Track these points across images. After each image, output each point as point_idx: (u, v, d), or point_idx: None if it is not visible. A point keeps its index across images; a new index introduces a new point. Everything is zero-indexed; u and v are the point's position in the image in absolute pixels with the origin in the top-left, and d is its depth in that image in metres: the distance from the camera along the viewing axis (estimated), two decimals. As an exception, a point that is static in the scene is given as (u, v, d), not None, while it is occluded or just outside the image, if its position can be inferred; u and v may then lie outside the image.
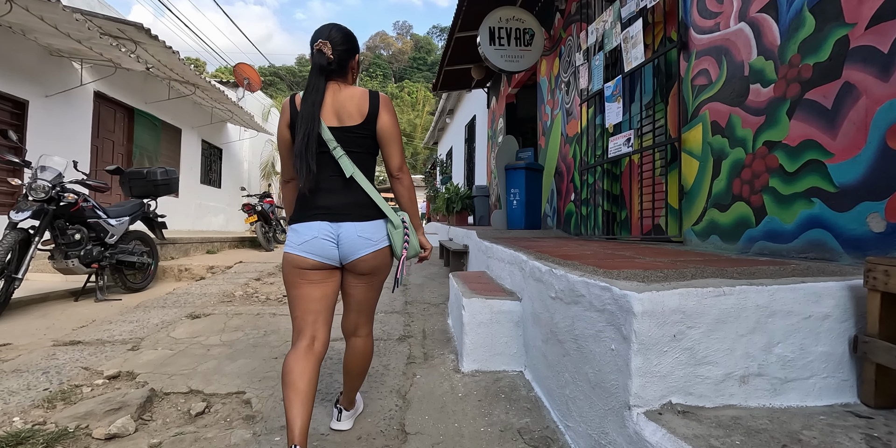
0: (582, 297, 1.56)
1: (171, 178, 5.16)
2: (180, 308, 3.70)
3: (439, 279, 4.94)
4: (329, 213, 1.54)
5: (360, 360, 1.71)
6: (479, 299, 2.41)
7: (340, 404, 1.80)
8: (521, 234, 4.48)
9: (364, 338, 1.72)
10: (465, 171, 10.66)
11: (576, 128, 4.36)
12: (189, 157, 9.21)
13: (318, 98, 1.53)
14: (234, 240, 8.91)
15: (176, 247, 6.77)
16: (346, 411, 1.79)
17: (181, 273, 5.83)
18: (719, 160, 2.42)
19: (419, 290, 4.33)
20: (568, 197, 4.57)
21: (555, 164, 4.95)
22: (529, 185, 4.73)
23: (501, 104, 7.29)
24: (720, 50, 2.43)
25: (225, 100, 8.39)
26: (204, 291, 4.35)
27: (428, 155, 26.86)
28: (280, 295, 4.19)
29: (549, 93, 5.13)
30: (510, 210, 4.82)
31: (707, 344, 1.28)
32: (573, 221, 4.42)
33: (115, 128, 7.00)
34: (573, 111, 4.44)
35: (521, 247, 3.02)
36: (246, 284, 4.69)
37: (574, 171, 4.39)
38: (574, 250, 2.66)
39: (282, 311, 3.56)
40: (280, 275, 5.25)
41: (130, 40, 5.88)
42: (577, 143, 4.34)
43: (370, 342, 1.74)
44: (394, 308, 3.64)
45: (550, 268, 1.89)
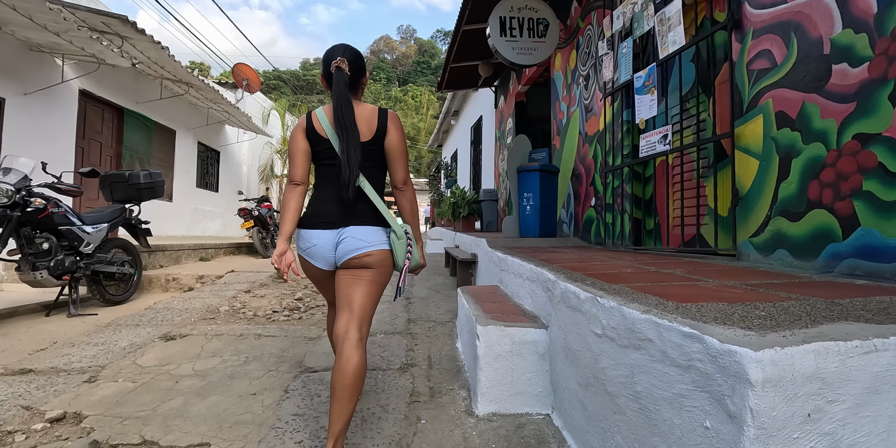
0: (649, 342, 1.14)
1: (156, 181, 4.78)
2: (155, 327, 3.29)
3: (445, 291, 4.52)
4: (333, 222, 1.63)
5: (349, 371, 1.48)
6: (497, 327, 1.99)
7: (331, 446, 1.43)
8: (536, 243, 4.06)
9: (354, 343, 1.55)
10: (471, 175, 10.25)
11: (597, 125, 3.94)
12: (184, 160, 8.85)
13: (350, 110, 1.60)
14: (231, 246, 8.52)
15: (166, 254, 6.38)
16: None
17: (168, 283, 5.43)
18: (788, 158, 2.00)
19: (424, 305, 3.92)
20: (587, 202, 4.15)
21: (572, 166, 4.53)
22: (544, 188, 4.32)
23: (510, 103, 6.89)
24: (787, 25, 2.02)
25: (221, 100, 8.03)
26: (186, 306, 3.94)
27: (432, 158, 26.51)
28: (270, 310, 3.78)
29: (565, 88, 4.73)
30: (523, 216, 4.40)
31: (855, 426, 0.86)
32: (594, 229, 4.00)
33: (102, 128, 6.64)
34: (593, 107, 4.03)
35: (542, 260, 2.60)
36: (234, 297, 4.28)
37: (595, 173, 3.98)
38: (608, 266, 2.24)
39: (268, 332, 3.15)
40: (272, 287, 4.85)
41: (116, 35, 5.52)
42: (598, 142, 3.93)
43: (362, 352, 1.55)
44: (395, 327, 3.23)
45: (593, 296, 1.47)
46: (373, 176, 1.69)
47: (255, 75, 11.95)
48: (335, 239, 1.61)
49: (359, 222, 1.63)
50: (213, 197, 10.29)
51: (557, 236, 4.56)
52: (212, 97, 7.98)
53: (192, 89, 7.59)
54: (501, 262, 3.22)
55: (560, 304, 1.80)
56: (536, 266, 2.34)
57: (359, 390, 1.49)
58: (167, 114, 8.13)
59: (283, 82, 43.94)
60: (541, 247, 3.85)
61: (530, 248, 3.73)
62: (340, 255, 1.62)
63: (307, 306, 3.97)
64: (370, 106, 1.70)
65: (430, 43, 68.85)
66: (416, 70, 62.03)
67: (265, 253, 8.33)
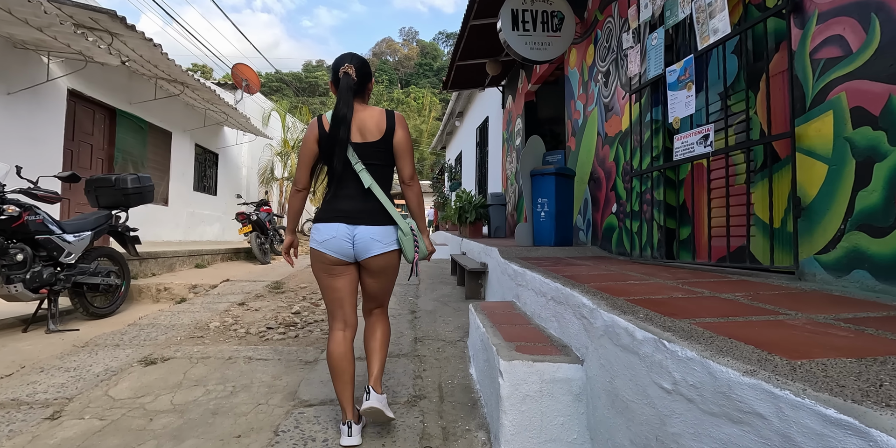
0: (758, 417, 0.83)
1: (145, 186, 4.49)
2: (137, 348, 2.99)
3: (453, 303, 4.21)
4: (347, 217, 1.80)
5: (378, 334, 1.93)
6: (524, 363, 1.68)
7: (370, 385, 1.81)
8: (552, 253, 3.76)
9: (379, 316, 1.99)
10: (477, 177, 9.95)
11: (619, 125, 3.64)
12: (180, 163, 8.56)
13: (349, 113, 1.76)
14: (229, 251, 8.23)
15: (158, 262, 6.09)
16: (375, 392, 1.79)
17: (160, 293, 5.14)
18: (868, 163, 1.68)
19: (431, 320, 3.61)
20: (608, 208, 3.83)
21: (589, 170, 4.22)
22: (560, 193, 4.01)
23: (519, 103, 6.58)
24: (865, 6, 1.71)
25: (218, 101, 7.75)
26: (173, 322, 3.64)
27: (435, 160, 26.20)
28: (264, 327, 3.48)
29: (581, 86, 4.42)
30: (537, 223, 4.10)
31: None
32: (615, 238, 3.68)
33: (93, 130, 6.36)
34: (614, 106, 3.72)
35: (568, 277, 2.29)
36: (226, 311, 3.98)
37: (616, 176, 3.67)
38: (650, 287, 1.93)
39: (260, 354, 2.84)
40: (268, 298, 4.55)
41: (106, 31, 5.25)
42: (620, 143, 3.62)
43: (386, 319, 2.01)
44: (400, 348, 2.92)
45: (657, 338, 1.16)
46: (382, 173, 1.85)
47: (255, 76, 11.69)
48: (351, 232, 1.79)
49: (371, 221, 1.81)
50: (211, 200, 10.00)
51: (574, 245, 4.25)
52: (209, 98, 7.70)
53: (187, 89, 7.31)
54: (518, 276, 2.91)
55: (603, 338, 1.49)
56: (564, 285, 2.04)
57: (387, 345, 1.96)
58: (163, 115, 7.85)
59: (286, 84, 43.85)
60: (559, 258, 3.54)
61: (548, 259, 3.42)
62: (360, 251, 1.82)
63: (304, 321, 3.66)
64: (378, 108, 1.85)
65: (432, 45, 68.78)
66: (418, 72, 61.97)
67: (264, 259, 8.04)
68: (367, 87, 1.90)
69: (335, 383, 1.80)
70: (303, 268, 6.65)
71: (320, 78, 52.33)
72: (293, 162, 12.33)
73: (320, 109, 41.77)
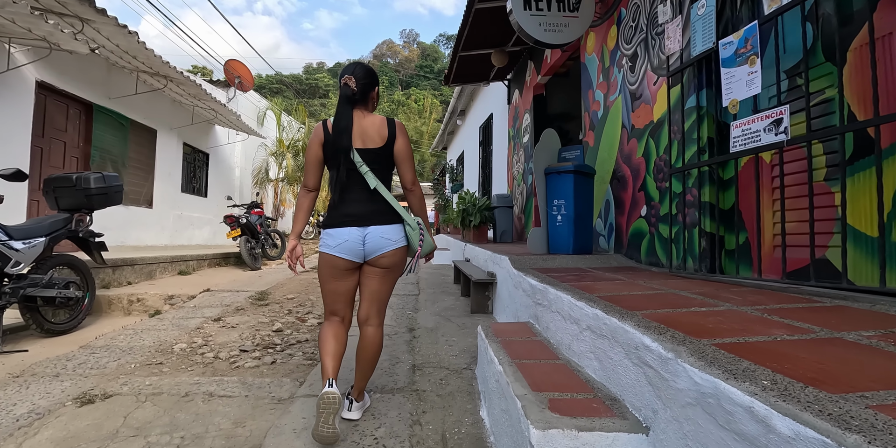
0: None
1: (111, 186, 4.00)
2: (78, 379, 2.49)
3: (457, 319, 3.71)
4: (357, 219, 1.86)
5: (370, 347, 1.92)
6: (566, 433, 1.19)
7: (351, 396, 1.95)
8: (573, 263, 3.26)
9: (375, 327, 1.94)
10: (481, 178, 9.45)
11: (649, 115, 3.14)
12: (167, 163, 8.08)
13: (348, 123, 1.84)
14: (217, 257, 7.73)
15: (135, 269, 5.60)
16: (356, 402, 1.93)
17: (132, 305, 4.64)
18: None
19: (432, 340, 3.11)
20: (635, 211, 3.34)
21: (611, 167, 3.73)
22: (579, 194, 3.52)
23: (527, 97, 6.10)
24: None
25: (205, 96, 7.27)
26: (133, 343, 3.14)
27: (435, 162, 25.73)
28: (237, 349, 2.98)
29: (601, 74, 3.93)
30: (553, 228, 3.60)
31: None
32: (645, 245, 3.19)
33: (67, 126, 5.88)
34: (643, 93, 3.23)
35: (607, 300, 1.80)
36: (198, 329, 3.49)
37: (647, 174, 3.17)
38: (733, 320, 1.43)
39: (225, 389, 2.33)
40: (249, 312, 4.05)
41: (75, 17, 4.77)
42: (651, 136, 3.13)
43: (380, 332, 1.95)
44: (395, 381, 2.41)
45: (826, 440, 0.66)
46: (384, 177, 1.90)
47: (249, 73, 11.23)
48: (362, 234, 1.83)
49: (381, 221, 1.86)
50: (201, 203, 9.52)
51: (594, 253, 3.75)
52: (195, 93, 7.21)
53: (171, 84, 6.83)
54: (537, 293, 2.41)
55: (693, 409, 0.99)
56: (606, 313, 1.55)
57: (377, 359, 1.94)
58: (146, 111, 7.37)
59: (286, 86, 43.55)
60: (581, 269, 3.04)
61: (569, 271, 2.92)
62: (370, 250, 1.85)
63: (285, 342, 3.16)
64: (379, 116, 1.91)
65: (432, 47, 68.69)
66: (418, 74, 61.89)
67: (254, 265, 7.54)
68: (370, 96, 1.94)
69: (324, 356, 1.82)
70: (292, 276, 6.16)
71: (320, 80, 52.08)
72: (289, 163, 11.85)
73: (320, 111, 41.36)
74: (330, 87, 50.00)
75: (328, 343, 1.85)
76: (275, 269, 7.10)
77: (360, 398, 1.96)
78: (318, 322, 3.73)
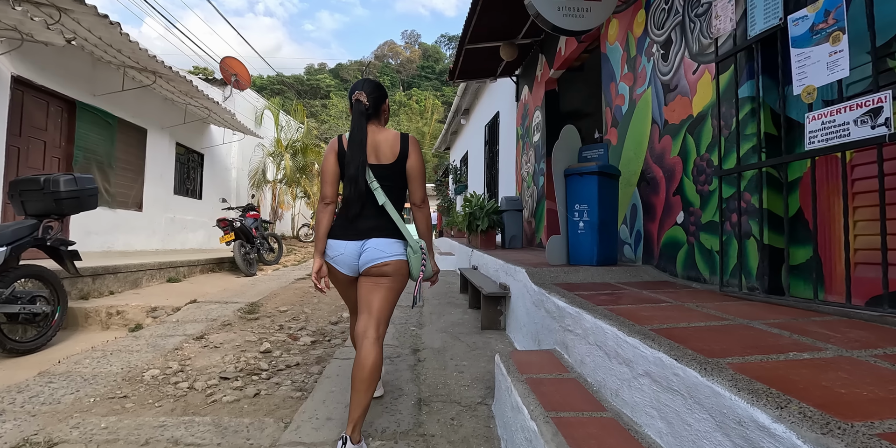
0: None
1: (84, 189, 3.63)
2: (24, 419, 2.11)
3: (467, 336, 3.33)
4: (358, 233, 1.85)
5: (366, 365, 1.72)
6: None
7: (346, 433, 1.67)
8: (598, 276, 2.87)
9: (371, 341, 1.78)
10: (486, 179, 9.07)
11: (687, 109, 2.76)
12: (158, 163, 7.71)
13: (363, 137, 1.84)
14: (210, 262, 7.36)
15: (119, 277, 5.22)
16: (352, 445, 1.65)
17: (110, 318, 4.27)
18: None
19: (439, 364, 2.73)
20: (669, 217, 2.95)
21: (638, 168, 3.35)
22: (604, 198, 3.14)
23: (538, 93, 5.71)
24: None
25: (196, 93, 6.90)
26: (98, 369, 2.76)
27: (437, 162, 25.34)
28: (217, 377, 2.60)
29: (626, 64, 3.55)
30: (574, 235, 3.22)
31: None
32: (682, 257, 2.80)
33: (47, 124, 5.51)
34: (679, 84, 2.85)
35: (665, 335, 1.41)
36: (177, 349, 3.11)
37: (684, 176, 2.79)
38: (865, 376, 1.04)
39: (194, 435, 1.94)
40: (237, 328, 3.67)
41: (52, 6, 4.40)
42: (689, 132, 2.74)
43: (378, 348, 1.78)
44: (399, 421, 2.03)
45: None
46: (394, 193, 1.90)
47: (245, 70, 10.87)
48: (359, 249, 1.84)
49: (380, 235, 1.85)
50: (196, 205, 9.14)
51: (619, 263, 3.37)
52: (186, 90, 6.85)
53: (160, 80, 6.46)
54: (567, 317, 2.03)
55: None
56: (674, 359, 1.17)
57: (376, 382, 1.76)
58: (136, 109, 7.00)
59: (287, 87, 43.38)
60: (612, 285, 2.65)
61: (599, 287, 2.53)
62: (363, 262, 1.84)
63: (273, 367, 2.78)
64: (393, 131, 1.91)
65: (434, 48, 68.51)
66: (420, 75, 61.78)
67: (248, 271, 7.17)
68: (382, 109, 1.96)
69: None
70: (287, 284, 5.79)
71: (321, 81, 51.90)
72: (287, 164, 11.48)
73: (321, 111, 41.09)
74: (331, 88, 49.79)
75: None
76: (270, 276, 6.73)
77: (357, 439, 1.69)
78: (312, 340, 3.35)
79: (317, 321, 3.94)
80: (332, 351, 3.09)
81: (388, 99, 2.01)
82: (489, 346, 3.11)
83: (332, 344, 3.30)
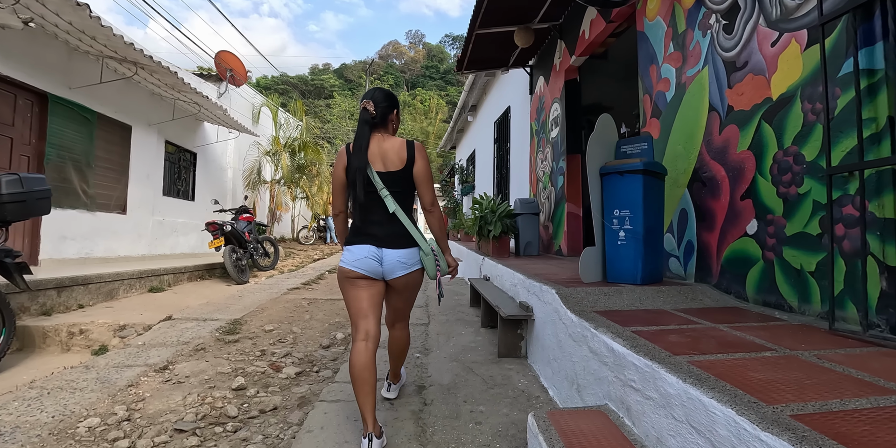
0: None
1: (33, 191, 3.11)
2: None
3: (482, 368, 2.77)
4: (375, 239, 1.92)
5: (398, 344, 2.13)
6: None
7: (389, 379, 2.23)
8: (648, 299, 2.30)
9: (400, 330, 2.13)
10: (495, 179, 8.49)
11: (763, 90, 2.19)
12: (144, 163, 7.18)
13: (365, 143, 1.90)
14: (200, 268, 6.85)
15: (91, 289, 4.70)
16: (393, 384, 2.22)
17: (72, 338, 3.74)
18: None
19: (450, 411, 2.16)
20: (735, 226, 2.38)
21: (691, 165, 2.78)
22: (650, 202, 2.58)
23: (556, 84, 5.14)
24: None
25: (183, 87, 6.37)
26: (24, 417, 2.21)
27: (442, 162, 24.78)
28: (170, 428, 2.05)
29: (672, 42, 2.98)
30: (612, 247, 2.66)
31: None
32: (756, 277, 2.22)
33: (14, 119, 5.00)
34: (751, 59, 2.28)
35: (829, 435, 0.84)
36: (130, 386, 2.56)
37: (759, 175, 2.22)
38: None
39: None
40: (210, 353, 3.13)
41: (10, -15, 3.88)
42: (766, 119, 2.17)
43: (406, 332, 2.14)
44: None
45: None
46: (403, 199, 1.95)
47: (242, 65, 10.35)
48: (379, 254, 1.90)
49: (397, 245, 1.91)
50: (187, 207, 8.62)
51: (664, 280, 2.80)
52: (172, 83, 6.32)
53: (142, 71, 5.93)
54: (627, 368, 1.48)
55: None
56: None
57: (406, 351, 2.16)
58: (118, 104, 6.48)
59: (292, 87, 43.08)
60: (670, 314, 2.07)
61: (655, 316, 1.96)
62: (388, 271, 1.92)
63: (244, 412, 2.23)
64: (399, 139, 1.96)
65: (438, 47, 68.17)
66: (424, 74, 61.52)
67: (240, 278, 6.64)
68: (389, 119, 1.99)
69: (357, 393, 1.80)
70: (278, 295, 5.24)
71: (326, 81, 51.60)
72: (284, 163, 10.95)
73: (325, 111, 40.65)
74: (335, 88, 49.42)
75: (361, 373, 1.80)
76: (261, 286, 6.18)
77: (396, 380, 2.21)
78: (298, 372, 2.80)
79: (306, 344, 3.39)
80: (319, 388, 2.54)
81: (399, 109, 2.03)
82: (510, 382, 2.55)
83: (319, 376, 2.74)
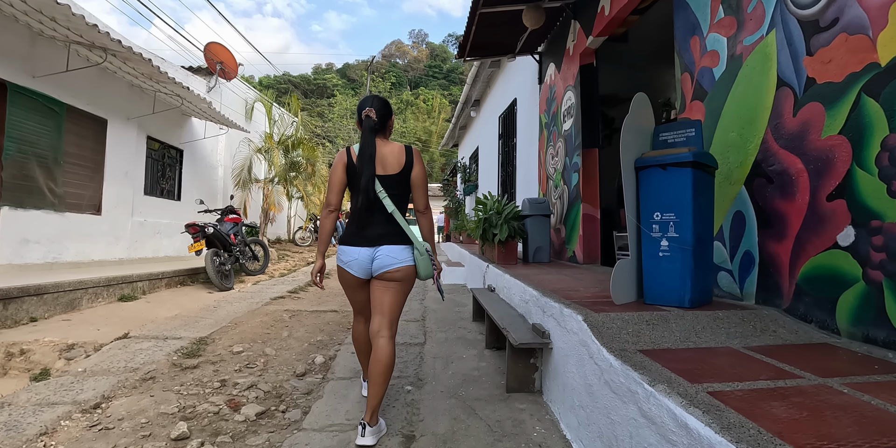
0: None
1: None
2: None
3: (487, 408, 2.23)
4: (370, 240, 2.00)
5: (382, 361, 1.90)
6: None
7: (364, 420, 1.87)
8: (702, 329, 1.75)
9: (386, 339, 1.96)
10: (500, 178, 7.94)
11: (867, 54, 1.64)
12: (122, 159, 6.67)
13: (373, 152, 1.97)
14: (181, 273, 6.33)
15: (46, 299, 4.18)
16: (369, 427, 1.85)
17: (11, 360, 3.23)
18: None
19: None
20: (816, 234, 1.83)
21: (750, 156, 2.23)
22: (700, 203, 2.03)
23: (570, 70, 4.59)
24: None
25: (160, 77, 5.84)
26: None
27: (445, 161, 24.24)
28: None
29: (723, 5, 2.43)
30: (651, 260, 2.11)
31: None
32: (851, 303, 1.67)
33: (-35, 110, 4.52)
34: (844, 16, 1.73)
35: None
36: (42, 436, 2.02)
37: (856, 167, 1.66)
38: None
39: None
40: (159, 385, 2.58)
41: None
42: (869, 92, 1.62)
43: (392, 345, 1.96)
44: None
45: None
46: (399, 200, 2.05)
47: (233, 58, 9.84)
48: (372, 254, 1.99)
49: (390, 242, 2.00)
50: (173, 207, 8.11)
51: (714, 300, 2.24)
52: (147, 72, 5.79)
53: (114, 59, 5.42)
54: None
55: None
56: None
57: (389, 374, 1.92)
58: (91, 96, 5.96)
59: (294, 86, 42.75)
60: (746, 356, 1.51)
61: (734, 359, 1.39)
62: (377, 268, 2.00)
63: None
64: (398, 144, 2.06)
65: (441, 47, 67.82)
66: (427, 74, 61.24)
67: (222, 285, 6.11)
68: (388, 124, 2.11)
69: (360, 357, 2.24)
70: (259, 306, 4.69)
71: (328, 80, 51.26)
72: (276, 161, 10.42)
73: (327, 110, 40.20)
74: (338, 87, 49.02)
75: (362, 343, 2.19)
76: (243, 294, 5.64)
77: (373, 422, 1.88)
78: (259, 412, 2.26)
79: (277, 371, 2.85)
80: (280, 438, 1.99)
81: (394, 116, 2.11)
82: (523, 430, 2.01)
83: (285, 419, 2.20)
